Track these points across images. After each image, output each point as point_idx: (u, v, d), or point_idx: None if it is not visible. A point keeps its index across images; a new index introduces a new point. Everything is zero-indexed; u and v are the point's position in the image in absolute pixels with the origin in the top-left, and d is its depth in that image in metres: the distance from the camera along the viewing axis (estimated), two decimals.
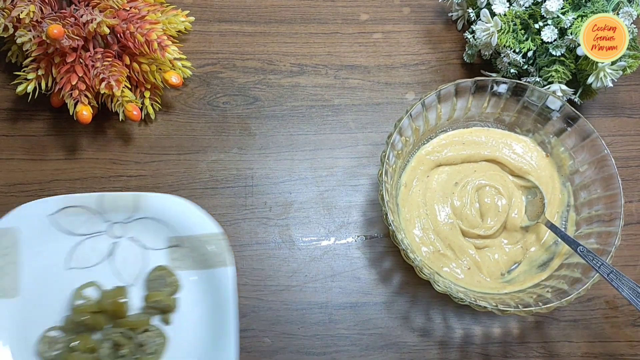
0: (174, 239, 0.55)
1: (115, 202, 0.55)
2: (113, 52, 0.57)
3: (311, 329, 0.56)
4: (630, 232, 0.60)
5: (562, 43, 0.58)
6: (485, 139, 0.60)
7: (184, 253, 0.55)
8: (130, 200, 0.55)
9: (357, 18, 0.68)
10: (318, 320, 0.56)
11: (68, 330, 0.52)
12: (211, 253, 0.54)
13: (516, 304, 0.49)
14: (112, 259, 0.55)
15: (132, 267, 0.55)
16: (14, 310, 0.52)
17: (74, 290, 0.54)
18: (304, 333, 0.56)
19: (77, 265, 0.55)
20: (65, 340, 0.52)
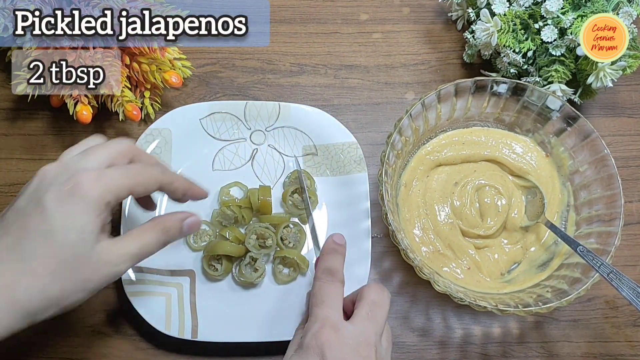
0: (311, 147, 0.60)
1: (258, 110, 0.59)
2: (113, 52, 0.57)
3: None
4: (630, 232, 0.60)
5: (562, 43, 0.58)
6: (485, 139, 0.60)
7: (318, 161, 0.59)
8: (272, 108, 0.60)
9: (357, 18, 0.68)
10: None
11: (215, 224, 0.57)
12: (346, 160, 0.58)
13: (516, 304, 0.49)
14: (252, 164, 0.60)
15: (270, 172, 0.60)
16: (164, 204, 0.57)
17: (220, 188, 0.58)
18: None
19: (221, 167, 0.59)
20: (213, 233, 0.56)
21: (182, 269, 0.55)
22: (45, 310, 0.40)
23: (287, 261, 0.55)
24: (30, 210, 0.40)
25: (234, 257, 0.54)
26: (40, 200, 0.40)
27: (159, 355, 0.53)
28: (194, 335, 0.51)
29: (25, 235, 0.39)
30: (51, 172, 0.41)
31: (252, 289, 0.55)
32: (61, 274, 0.40)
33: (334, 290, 0.45)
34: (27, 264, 0.39)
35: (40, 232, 0.39)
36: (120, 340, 0.54)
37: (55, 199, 0.40)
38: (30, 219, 0.40)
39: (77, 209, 0.40)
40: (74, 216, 0.39)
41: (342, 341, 0.41)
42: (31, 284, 0.39)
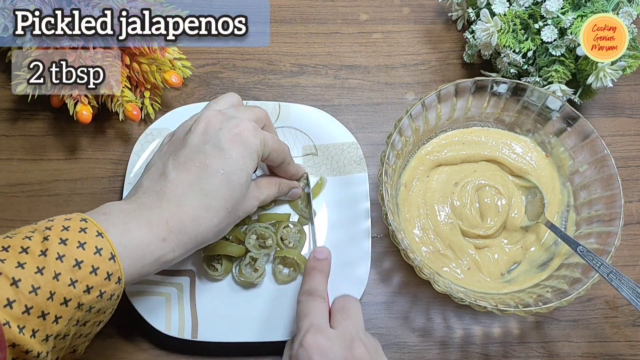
0: (311, 147, 0.60)
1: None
2: (113, 52, 0.57)
3: None
4: (630, 232, 0.60)
5: (562, 43, 0.58)
6: (485, 139, 0.60)
7: (318, 161, 0.59)
8: (272, 108, 0.59)
9: (357, 18, 0.68)
10: None
11: None
12: (346, 160, 0.58)
13: (516, 304, 0.49)
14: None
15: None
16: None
17: None
18: None
19: None
20: None
21: (182, 269, 0.55)
22: (209, 241, 0.46)
23: (287, 261, 0.55)
24: (209, 150, 0.45)
25: (234, 257, 0.54)
26: (217, 142, 0.45)
27: (160, 356, 0.53)
28: (194, 335, 0.52)
29: (207, 173, 0.44)
30: (215, 118, 0.46)
31: (252, 289, 0.55)
32: (232, 211, 0.46)
33: (316, 304, 0.46)
34: (208, 200, 0.44)
35: (221, 171, 0.44)
36: (121, 341, 0.54)
37: (229, 141, 0.45)
38: (211, 159, 0.44)
39: (245, 153, 0.45)
40: (244, 159, 0.45)
41: (330, 341, 0.42)
42: (212, 218, 0.44)
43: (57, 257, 0.37)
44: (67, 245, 0.38)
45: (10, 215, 0.57)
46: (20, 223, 0.56)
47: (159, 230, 0.42)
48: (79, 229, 0.39)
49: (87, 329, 0.41)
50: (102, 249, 0.38)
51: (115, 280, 0.39)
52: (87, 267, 0.38)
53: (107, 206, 0.43)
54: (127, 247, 0.40)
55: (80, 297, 0.37)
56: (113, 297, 0.40)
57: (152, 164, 0.47)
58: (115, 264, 0.39)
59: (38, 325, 0.36)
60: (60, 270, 0.37)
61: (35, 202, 0.58)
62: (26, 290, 0.35)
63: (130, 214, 0.42)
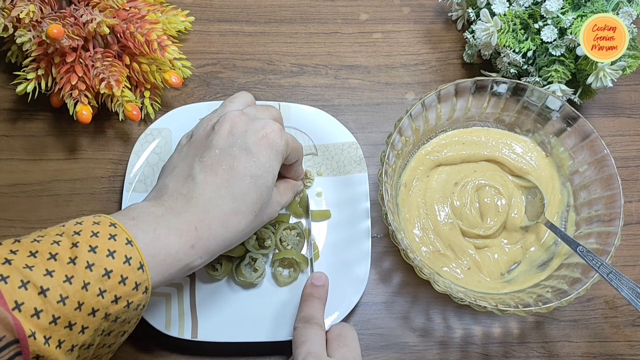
0: (311, 147, 0.59)
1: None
2: (113, 52, 0.57)
3: None
4: (630, 232, 0.60)
5: (562, 43, 0.58)
6: (485, 139, 0.60)
7: (318, 161, 0.59)
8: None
9: (357, 18, 0.68)
10: None
11: None
12: (346, 160, 0.59)
13: (516, 304, 0.49)
14: None
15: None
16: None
17: None
18: None
19: None
20: None
21: None
22: (235, 244, 0.45)
23: (287, 262, 0.55)
24: (236, 153, 0.44)
25: (234, 257, 0.54)
26: (245, 144, 0.44)
27: (160, 356, 0.54)
28: (194, 335, 0.51)
29: (235, 177, 0.43)
30: (239, 120, 0.45)
31: (252, 289, 0.55)
32: (259, 214, 0.45)
33: (313, 332, 0.46)
34: (237, 204, 0.43)
35: (250, 175, 0.44)
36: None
37: (256, 144, 0.44)
38: (239, 162, 0.44)
39: (272, 155, 0.45)
40: (271, 162, 0.45)
41: None
42: (240, 222, 0.44)
43: (87, 265, 0.36)
44: (97, 253, 0.37)
45: (10, 215, 0.57)
46: (20, 223, 0.57)
47: (188, 237, 0.41)
48: (109, 235, 0.38)
49: (111, 339, 0.40)
50: (131, 258, 0.38)
51: (143, 290, 0.39)
52: (116, 276, 0.37)
53: (135, 209, 0.42)
54: (156, 256, 0.39)
55: (108, 307, 0.37)
56: (139, 307, 0.39)
57: (174, 165, 0.46)
58: (143, 274, 0.38)
59: (64, 335, 0.35)
60: (89, 279, 0.36)
61: (35, 202, 0.58)
62: (54, 300, 0.34)
63: (158, 218, 0.41)
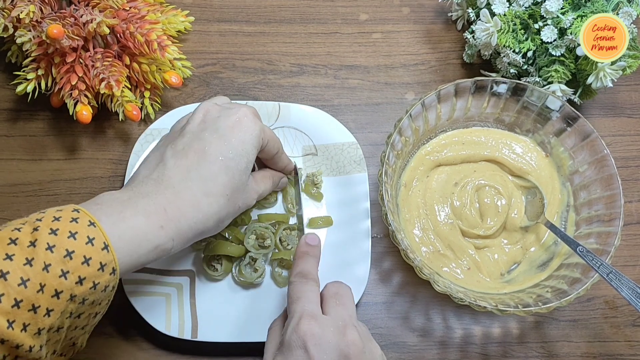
0: (311, 147, 0.60)
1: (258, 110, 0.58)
2: (113, 52, 0.57)
3: None
4: (630, 232, 0.60)
5: (562, 43, 0.58)
6: (485, 139, 0.60)
7: (318, 161, 0.59)
8: (271, 108, 0.60)
9: (357, 18, 0.68)
10: None
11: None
12: (346, 160, 0.59)
13: (516, 304, 0.49)
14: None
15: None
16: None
17: None
18: None
19: None
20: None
21: (182, 269, 0.55)
22: (209, 231, 0.45)
23: (285, 263, 0.55)
24: (207, 136, 0.44)
25: (234, 257, 0.54)
26: (216, 128, 0.44)
27: (160, 356, 0.54)
28: (194, 335, 0.52)
29: (205, 158, 0.44)
30: (213, 108, 0.46)
31: (252, 289, 0.55)
32: (231, 198, 0.45)
33: (309, 288, 0.45)
34: (207, 186, 0.43)
35: (221, 157, 0.44)
36: (121, 341, 0.54)
37: (229, 128, 0.45)
38: (210, 145, 0.44)
39: (246, 138, 0.45)
40: (244, 145, 0.45)
41: (323, 328, 0.41)
42: (211, 204, 0.43)
43: (47, 247, 0.36)
44: (58, 235, 0.36)
45: (9, 215, 0.57)
46: None
47: (157, 217, 0.41)
48: (71, 218, 0.38)
49: (83, 321, 0.40)
50: (94, 238, 0.37)
51: (110, 271, 0.38)
52: (78, 257, 0.36)
53: (102, 196, 0.42)
54: (121, 236, 0.39)
55: (73, 288, 0.36)
56: (108, 288, 0.39)
57: (148, 157, 0.47)
58: (109, 254, 0.38)
59: (29, 319, 0.35)
60: (50, 261, 0.36)
61: (34, 202, 0.58)
62: (15, 283, 0.34)
63: (124, 202, 0.41)
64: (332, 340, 0.41)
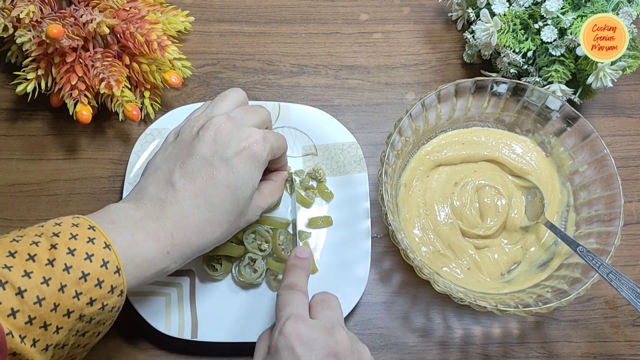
0: (311, 147, 0.60)
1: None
2: (113, 52, 0.57)
3: None
4: (630, 232, 0.60)
5: (562, 43, 0.58)
6: (485, 139, 0.60)
7: (318, 161, 0.59)
8: (271, 109, 0.59)
9: (357, 18, 0.68)
10: None
11: None
12: (346, 160, 0.59)
13: (516, 304, 0.49)
14: None
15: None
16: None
17: None
18: None
19: None
20: None
21: (182, 269, 0.54)
22: (209, 250, 0.47)
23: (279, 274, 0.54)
24: (216, 163, 0.45)
25: (234, 258, 0.54)
26: (226, 155, 0.45)
27: (160, 356, 0.53)
28: (194, 335, 0.52)
29: (213, 186, 0.44)
30: (224, 127, 0.46)
31: (252, 289, 0.55)
32: (234, 223, 0.46)
33: (296, 297, 0.45)
34: (213, 213, 0.44)
35: (227, 186, 0.45)
36: (121, 341, 0.54)
37: (237, 155, 0.45)
38: (218, 172, 0.45)
39: (253, 167, 0.46)
40: (251, 173, 0.46)
41: (311, 329, 0.41)
42: (215, 230, 0.45)
43: (65, 268, 0.37)
44: (75, 256, 0.38)
45: (9, 215, 0.57)
46: (19, 223, 0.57)
47: (165, 243, 0.42)
48: (87, 238, 0.39)
49: (86, 340, 0.41)
50: (108, 262, 0.39)
51: (118, 293, 0.39)
52: (92, 280, 0.38)
53: (114, 211, 0.42)
54: (133, 260, 0.40)
55: (83, 309, 0.38)
56: (114, 309, 0.40)
57: (156, 166, 0.47)
58: (119, 278, 0.39)
59: (39, 335, 0.36)
60: (66, 282, 0.37)
61: (34, 202, 0.58)
62: (31, 301, 0.35)
63: (137, 222, 0.42)
64: (320, 339, 0.41)
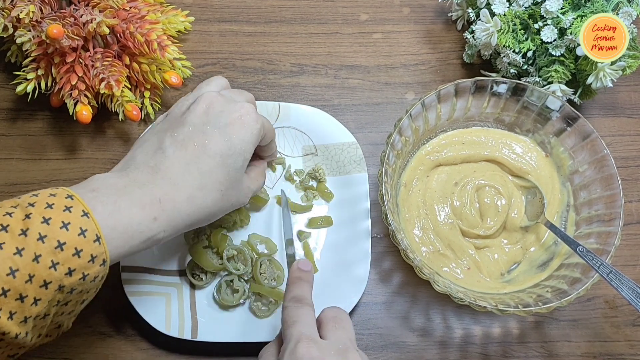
0: (311, 147, 0.60)
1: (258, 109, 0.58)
2: (113, 52, 0.57)
3: None
4: (630, 232, 0.60)
5: (562, 43, 0.58)
6: (485, 139, 0.60)
7: (318, 161, 0.59)
8: (271, 108, 0.60)
9: (357, 18, 0.68)
10: None
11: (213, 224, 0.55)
12: (346, 160, 0.58)
13: (516, 304, 0.49)
14: None
15: (270, 172, 0.59)
16: None
17: None
18: None
19: None
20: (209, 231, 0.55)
21: (182, 269, 0.55)
22: (201, 222, 0.45)
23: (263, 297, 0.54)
24: (209, 130, 0.44)
25: (216, 274, 0.54)
26: (219, 123, 0.44)
27: (159, 356, 0.54)
28: (194, 335, 0.52)
29: (205, 153, 0.44)
30: (216, 100, 0.46)
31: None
32: (225, 194, 0.45)
33: (304, 312, 0.44)
34: (204, 179, 0.43)
35: (220, 154, 0.44)
36: (121, 341, 0.54)
37: (230, 125, 0.45)
38: (210, 139, 0.44)
39: (246, 138, 0.45)
40: (244, 144, 0.45)
41: (323, 352, 0.39)
42: (205, 197, 0.44)
43: (39, 237, 0.35)
44: (50, 225, 0.36)
45: None
46: None
47: (151, 209, 0.41)
48: (64, 207, 0.37)
49: (70, 308, 0.40)
50: (87, 230, 0.37)
51: (100, 263, 0.38)
52: (69, 249, 0.36)
53: (96, 179, 0.41)
54: (115, 227, 0.38)
55: (62, 279, 0.36)
56: (97, 278, 0.39)
57: (145, 139, 0.46)
58: (100, 246, 0.37)
59: (16, 307, 0.35)
60: (40, 251, 0.35)
61: None
62: (4, 272, 0.34)
63: (120, 190, 0.40)
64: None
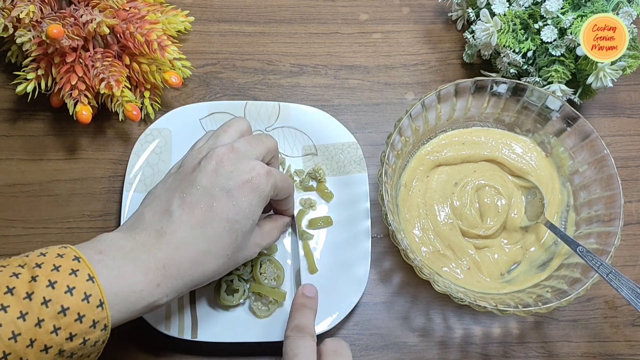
0: (310, 147, 0.60)
1: (258, 110, 0.58)
2: (113, 52, 0.57)
3: None
4: (630, 232, 0.60)
5: (562, 43, 0.58)
6: (485, 139, 0.60)
7: (318, 161, 0.59)
8: (271, 108, 0.60)
9: (357, 18, 0.68)
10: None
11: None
12: (346, 160, 0.59)
13: (516, 304, 0.49)
14: None
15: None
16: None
17: None
18: None
19: None
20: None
21: None
22: (205, 283, 0.45)
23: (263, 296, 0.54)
24: (217, 194, 0.43)
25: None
26: (227, 186, 0.43)
27: (160, 356, 0.54)
28: (194, 335, 0.52)
29: (212, 218, 0.43)
30: (227, 157, 0.44)
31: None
32: (232, 257, 0.44)
33: (305, 344, 0.44)
34: (210, 245, 0.43)
35: (227, 219, 0.43)
36: (121, 341, 0.54)
37: (239, 187, 0.43)
38: (218, 204, 0.43)
39: (254, 201, 0.44)
40: (252, 207, 0.44)
41: None
42: (210, 263, 0.43)
43: (43, 301, 0.35)
44: (55, 289, 0.36)
45: (9, 215, 0.57)
46: (19, 223, 0.57)
47: (155, 275, 0.40)
48: (70, 270, 0.37)
49: None
50: (90, 295, 0.37)
51: (101, 328, 0.38)
52: (72, 314, 0.36)
53: (104, 240, 0.41)
54: (118, 293, 0.38)
55: (62, 344, 0.36)
56: (98, 343, 0.39)
57: (155, 195, 0.45)
58: (103, 312, 0.37)
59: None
60: (44, 316, 0.35)
61: (34, 202, 0.58)
62: (6, 336, 0.34)
63: (127, 253, 0.40)
64: None
